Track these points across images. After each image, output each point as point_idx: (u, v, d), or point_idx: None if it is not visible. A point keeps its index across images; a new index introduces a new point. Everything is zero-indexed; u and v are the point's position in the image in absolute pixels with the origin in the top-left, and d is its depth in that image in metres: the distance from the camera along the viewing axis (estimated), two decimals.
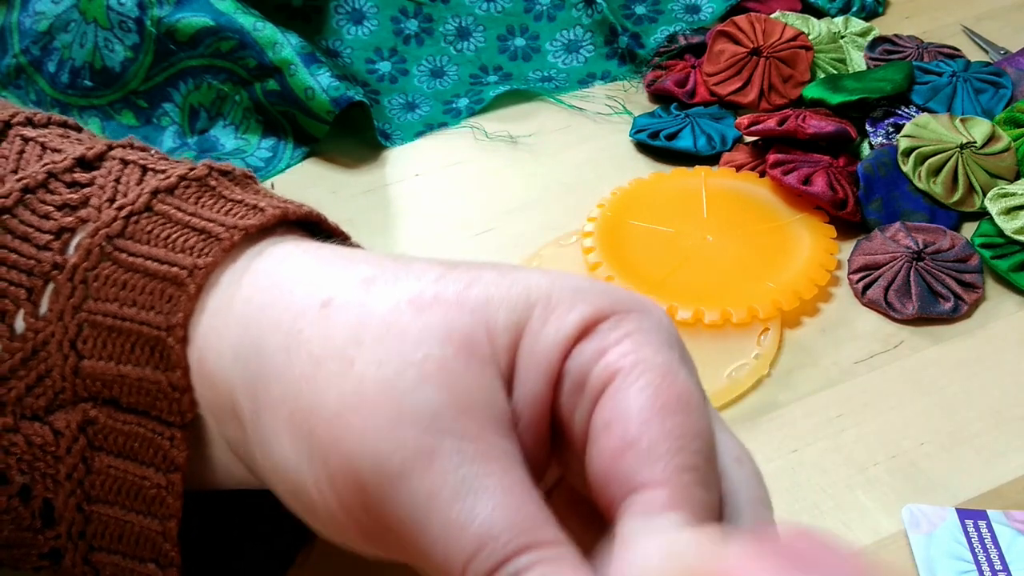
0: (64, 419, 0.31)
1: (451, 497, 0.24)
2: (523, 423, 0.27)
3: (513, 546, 0.24)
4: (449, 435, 0.25)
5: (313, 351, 0.27)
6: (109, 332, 0.31)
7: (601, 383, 0.26)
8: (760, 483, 0.28)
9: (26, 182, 0.33)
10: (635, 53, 0.66)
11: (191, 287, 0.30)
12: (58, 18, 0.59)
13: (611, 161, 0.59)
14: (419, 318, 0.26)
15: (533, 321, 0.27)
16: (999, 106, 0.59)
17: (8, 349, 0.31)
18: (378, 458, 0.25)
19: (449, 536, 0.24)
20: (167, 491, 0.31)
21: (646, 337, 0.27)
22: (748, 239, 0.52)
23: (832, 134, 0.55)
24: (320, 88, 0.57)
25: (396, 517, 0.25)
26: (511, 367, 0.27)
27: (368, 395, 0.25)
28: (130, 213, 0.32)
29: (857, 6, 0.69)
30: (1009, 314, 0.50)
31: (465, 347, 0.26)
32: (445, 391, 0.25)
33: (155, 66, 0.59)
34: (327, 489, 0.26)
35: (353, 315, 0.27)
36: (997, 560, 0.38)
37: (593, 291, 0.27)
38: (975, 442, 0.43)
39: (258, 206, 0.32)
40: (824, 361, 0.47)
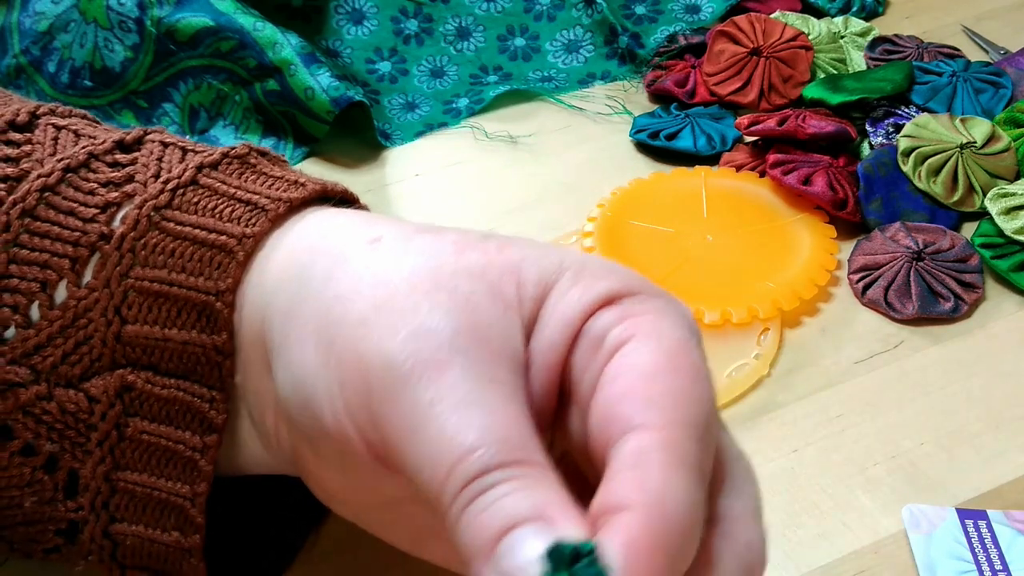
0: (101, 385, 0.32)
1: (451, 407, 0.25)
2: (535, 369, 0.28)
3: (499, 459, 0.25)
4: (463, 355, 0.26)
5: (356, 271, 0.28)
6: (156, 297, 0.32)
7: (617, 343, 0.27)
8: (752, 480, 0.28)
9: (68, 162, 0.34)
10: (635, 53, 0.66)
11: (240, 255, 0.31)
12: (58, 18, 0.59)
13: (611, 161, 0.59)
14: (458, 257, 0.28)
15: (562, 282, 0.28)
16: (999, 106, 0.59)
17: (47, 318, 0.32)
18: (391, 361, 0.26)
19: (441, 441, 0.25)
20: (202, 454, 0.32)
21: (668, 315, 0.28)
22: (748, 239, 0.52)
23: (832, 134, 0.55)
24: (320, 88, 0.57)
25: (396, 420, 0.26)
26: (533, 319, 0.28)
27: (395, 308, 0.27)
28: (177, 186, 0.33)
29: (857, 6, 0.69)
30: (1009, 314, 0.50)
31: (493, 288, 0.28)
32: (468, 318, 0.27)
33: (155, 66, 0.59)
34: (336, 393, 0.27)
35: (399, 250, 0.29)
36: (997, 560, 0.38)
37: (624, 272, 0.29)
38: (975, 442, 0.43)
39: (299, 181, 0.34)
40: (824, 361, 0.47)
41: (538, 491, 0.24)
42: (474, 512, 0.24)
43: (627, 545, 0.23)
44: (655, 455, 0.25)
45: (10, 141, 0.34)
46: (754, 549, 0.27)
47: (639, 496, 0.24)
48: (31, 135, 0.35)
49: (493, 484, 0.24)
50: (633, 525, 0.24)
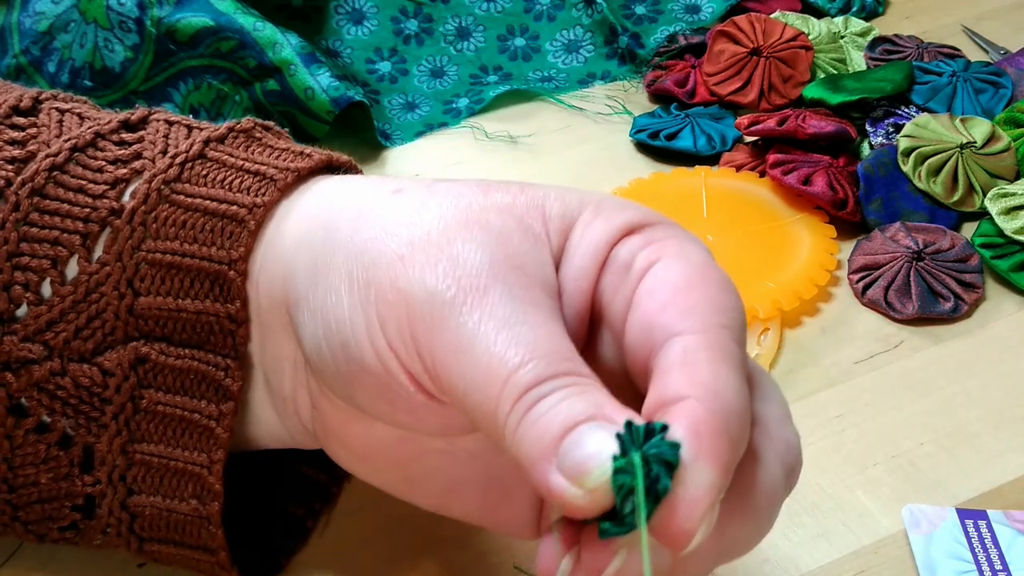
0: (115, 358, 0.32)
1: (497, 326, 0.26)
2: (566, 296, 0.29)
3: (550, 370, 0.25)
4: (501, 281, 0.27)
5: (384, 218, 0.29)
6: (168, 269, 0.32)
7: (647, 264, 0.28)
8: (779, 390, 0.30)
9: (75, 141, 0.34)
10: (635, 53, 0.66)
11: (251, 224, 0.32)
12: (58, 18, 0.59)
13: (611, 161, 0.59)
14: (485, 196, 0.29)
15: (585, 214, 0.30)
16: (999, 106, 0.59)
17: (59, 294, 0.32)
18: (433, 291, 0.27)
19: (492, 359, 0.26)
20: (218, 422, 0.32)
21: (690, 241, 0.29)
22: (748, 239, 0.52)
23: (832, 134, 0.55)
24: (320, 88, 0.57)
25: (443, 346, 0.27)
26: (560, 250, 0.29)
27: (430, 243, 0.28)
28: (185, 160, 0.33)
29: (857, 6, 0.69)
30: (1009, 314, 0.50)
31: (522, 224, 0.29)
32: (501, 248, 0.28)
33: (155, 66, 0.59)
34: (377, 329, 0.28)
35: (423, 195, 0.30)
36: (997, 560, 0.38)
37: (642, 207, 0.30)
38: (975, 442, 0.43)
39: (304, 152, 0.34)
40: (824, 361, 0.47)
41: (593, 395, 0.25)
42: (532, 419, 0.25)
43: (692, 426, 0.25)
44: (702, 353, 0.26)
45: (15, 125, 0.35)
46: (793, 448, 0.29)
47: (694, 388, 0.25)
48: (35, 119, 0.35)
49: (548, 393, 0.25)
50: (696, 410, 0.25)
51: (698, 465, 0.24)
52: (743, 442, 0.26)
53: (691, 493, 0.24)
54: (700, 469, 0.24)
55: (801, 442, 0.43)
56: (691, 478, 0.24)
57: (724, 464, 0.25)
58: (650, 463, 0.24)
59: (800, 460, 0.29)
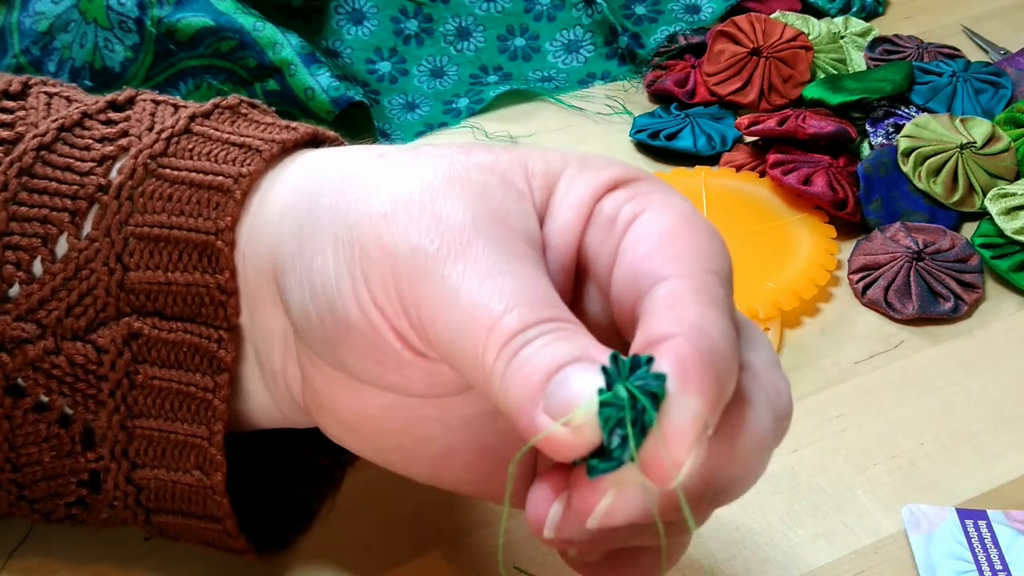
0: (108, 335, 0.32)
1: (482, 275, 0.26)
2: (551, 251, 0.29)
3: (535, 316, 0.26)
4: (484, 234, 0.27)
5: (367, 180, 0.29)
6: (157, 242, 0.32)
7: (632, 216, 0.29)
8: (767, 339, 0.30)
9: (62, 121, 0.34)
10: (635, 53, 0.66)
11: (237, 193, 0.32)
12: (58, 18, 0.59)
13: None
14: (468, 156, 0.29)
15: (569, 171, 0.30)
16: (999, 106, 0.59)
17: (50, 271, 0.33)
18: (417, 246, 0.27)
19: (476, 308, 0.26)
20: (214, 394, 0.32)
21: (674, 194, 0.29)
22: (748, 239, 0.52)
23: (832, 134, 0.55)
24: (320, 88, 0.57)
25: (428, 299, 0.27)
26: (544, 206, 0.29)
27: (413, 200, 0.28)
28: (171, 135, 0.34)
29: (857, 6, 0.69)
30: (1009, 314, 0.50)
31: (505, 180, 0.29)
32: (484, 203, 0.28)
33: (155, 66, 0.59)
34: (362, 288, 0.28)
35: (407, 157, 0.30)
36: (997, 560, 0.38)
37: (625, 163, 0.30)
38: (975, 442, 0.43)
39: (290, 126, 0.35)
40: (824, 361, 0.47)
41: (578, 338, 0.25)
42: (518, 364, 0.25)
43: (679, 360, 0.25)
44: (689, 295, 0.26)
45: (4, 108, 0.35)
46: (782, 395, 0.29)
47: (680, 327, 0.25)
48: (24, 102, 0.35)
49: (533, 338, 0.25)
50: (682, 345, 0.25)
51: (684, 396, 0.24)
52: (730, 380, 0.26)
53: (677, 423, 0.24)
54: (686, 400, 0.24)
55: (801, 442, 0.44)
56: (677, 409, 0.24)
57: (710, 397, 0.25)
58: (635, 396, 0.24)
59: (790, 408, 0.29)
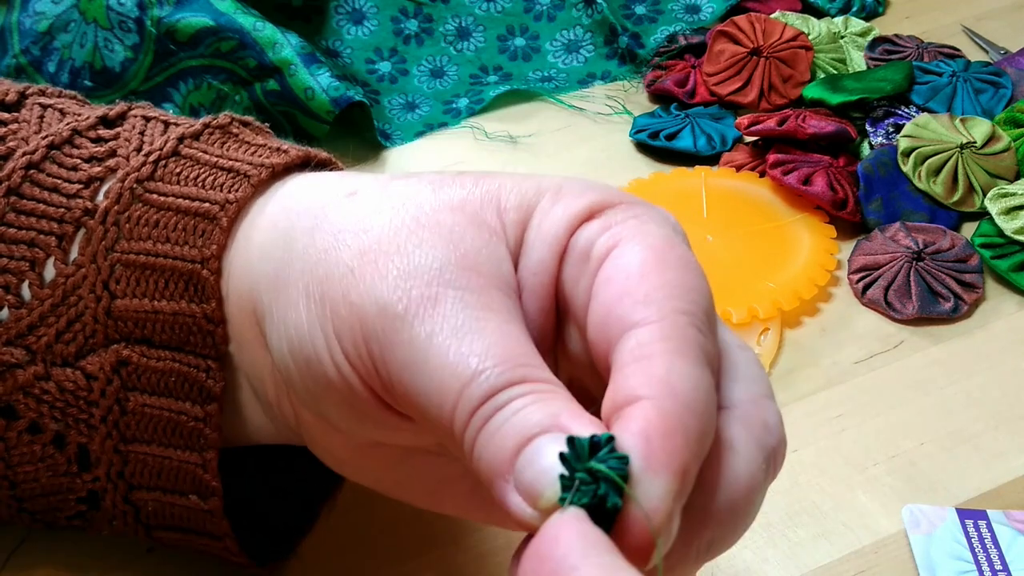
0: (97, 362, 0.32)
1: (450, 336, 0.25)
2: (527, 293, 0.28)
3: (504, 378, 0.25)
4: (452, 287, 0.26)
5: (336, 224, 0.28)
6: (143, 270, 0.31)
7: (605, 250, 0.27)
8: (759, 366, 0.29)
9: (51, 139, 0.34)
10: (635, 53, 0.66)
11: (223, 220, 0.31)
12: (58, 18, 0.59)
13: (611, 161, 0.59)
14: (436, 193, 0.28)
15: (543, 203, 0.28)
16: (999, 106, 0.59)
17: (38, 296, 0.32)
18: (384, 304, 0.26)
19: (445, 371, 0.25)
20: (205, 423, 0.32)
21: (651, 219, 0.28)
22: (748, 239, 0.52)
23: (832, 134, 0.55)
24: (320, 88, 0.57)
25: (398, 360, 0.26)
26: (518, 243, 0.28)
27: (380, 252, 0.27)
28: (158, 158, 0.33)
29: (857, 6, 0.69)
30: (1009, 314, 0.50)
31: (475, 218, 0.28)
32: (453, 250, 0.27)
33: (155, 66, 0.59)
34: (335, 345, 0.27)
35: (376, 198, 0.29)
36: (997, 560, 0.38)
37: (602, 187, 0.29)
38: (975, 442, 0.43)
39: (281, 148, 0.34)
40: (824, 361, 0.47)
41: (548, 402, 0.24)
42: (488, 434, 0.24)
43: (642, 432, 0.23)
44: (657, 345, 0.25)
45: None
46: (772, 429, 0.27)
47: (647, 386, 0.24)
48: (18, 114, 0.35)
49: (503, 404, 0.24)
50: (646, 411, 0.24)
51: (648, 476, 0.23)
52: (705, 438, 0.24)
53: (644, 504, 0.23)
54: (651, 480, 0.23)
55: (801, 442, 0.44)
56: (642, 491, 0.23)
57: (679, 469, 0.23)
58: (598, 480, 0.23)
59: (783, 439, 0.27)
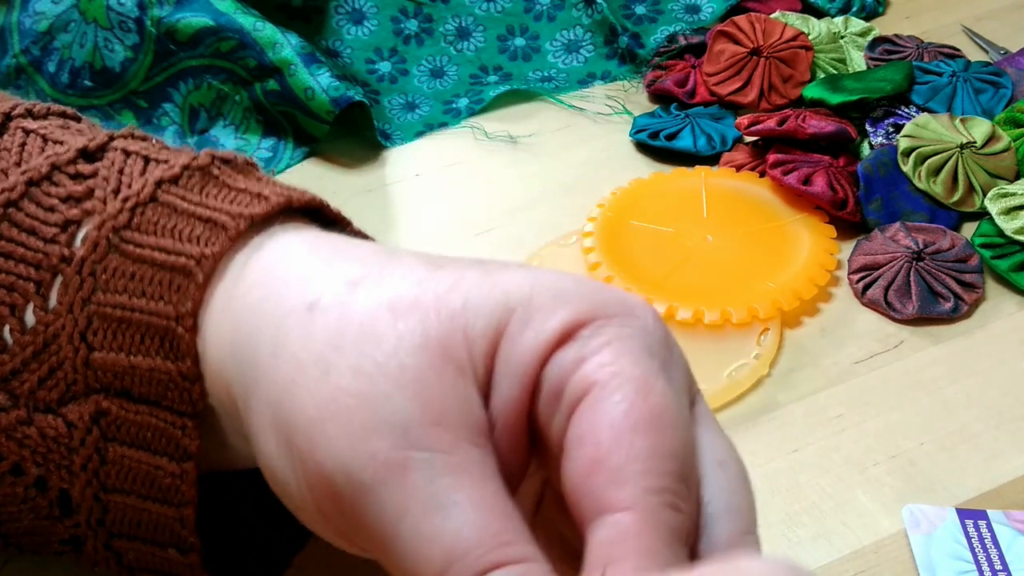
0: (77, 411, 0.32)
1: (421, 512, 0.25)
2: (499, 429, 0.27)
3: (482, 563, 0.24)
4: (420, 448, 0.25)
5: (296, 354, 0.27)
6: (119, 324, 0.31)
7: (578, 394, 0.26)
8: (742, 488, 0.27)
9: (30, 175, 0.33)
10: (635, 53, 0.66)
11: (199, 276, 0.30)
12: (58, 18, 0.59)
13: (611, 161, 0.59)
14: (396, 325, 0.27)
15: (512, 326, 0.27)
16: (999, 106, 0.59)
17: (20, 343, 0.32)
18: (350, 470, 0.25)
19: (419, 550, 0.24)
20: (181, 479, 0.31)
21: (627, 345, 0.26)
22: (748, 239, 0.52)
23: (832, 134, 0.55)
24: (320, 88, 0.57)
25: (369, 526, 0.25)
26: (488, 373, 0.27)
27: (342, 404, 0.26)
28: (136, 204, 0.32)
29: (857, 6, 0.69)
30: (1009, 314, 0.50)
31: (441, 354, 0.26)
32: (418, 401, 0.26)
33: (155, 66, 0.59)
34: (306, 492, 0.27)
35: (334, 319, 0.27)
36: (997, 560, 0.38)
37: (576, 294, 0.27)
38: (975, 442, 0.43)
39: (262, 194, 0.32)
40: (824, 361, 0.47)
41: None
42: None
43: None
44: (630, 543, 0.24)
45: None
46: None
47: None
48: (0, 140, 0.34)
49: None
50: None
51: None
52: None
53: None
54: None
55: (801, 442, 0.44)
56: None
57: None
58: None
59: None
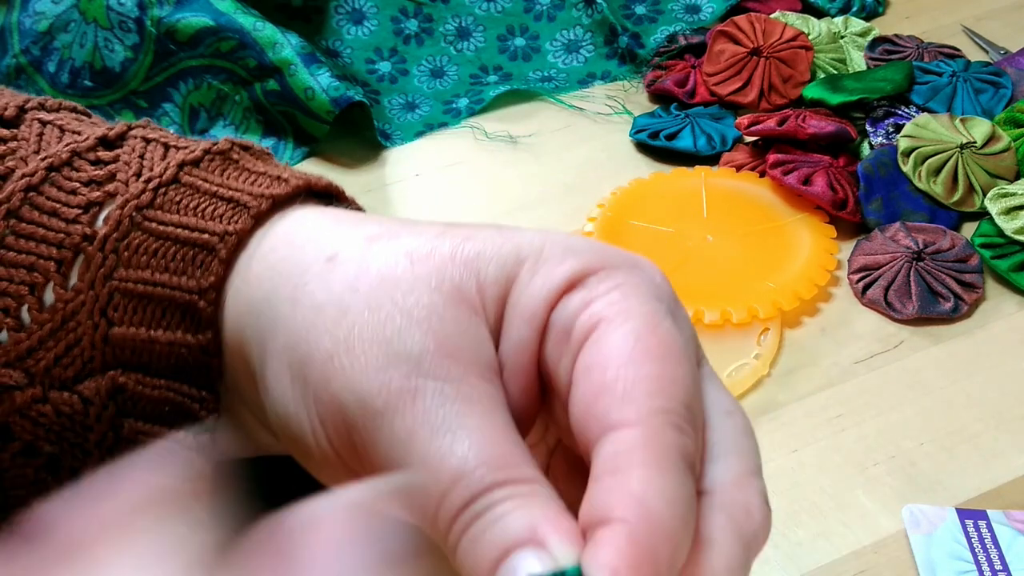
0: (93, 387, 0.32)
1: (430, 435, 0.25)
2: (508, 372, 0.28)
3: (488, 481, 0.25)
4: (432, 378, 0.26)
5: (315, 299, 0.28)
6: (140, 299, 0.32)
7: (585, 331, 0.27)
8: (748, 435, 0.28)
9: (50, 160, 0.34)
10: (635, 53, 0.66)
11: (222, 252, 0.31)
12: (58, 18, 0.59)
13: (611, 161, 0.59)
14: (413, 269, 0.28)
15: (523, 274, 0.28)
16: (999, 106, 0.59)
17: (37, 320, 0.32)
18: (363, 397, 0.26)
19: (427, 472, 0.25)
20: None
21: (634, 289, 0.27)
22: (748, 239, 0.52)
23: (832, 134, 0.55)
24: (320, 88, 0.57)
25: (380, 454, 0.26)
26: (499, 319, 0.28)
27: (358, 338, 0.27)
28: (158, 185, 0.33)
29: (857, 6, 0.69)
30: (1009, 314, 0.50)
31: (454, 296, 0.27)
32: (431, 336, 0.27)
33: (155, 66, 0.59)
34: (320, 430, 0.27)
35: (353, 267, 0.28)
36: (997, 560, 0.38)
37: (584, 248, 0.28)
38: (975, 442, 0.43)
39: (282, 177, 0.33)
40: (824, 361, 0.47)
41: (529, 509, 0.25)
42: (470, 540, 0.25)
43: (611, 566, 0.23)
44: (635, 455, 0.25)
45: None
46: (753, 515, 0.26)
47: (621, 506, 0.24)
48: (17, 131, 0.35)
49: (483, 510, 0.25)
50: (618, 540, 0.24)
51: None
52: (680, 555, 0.24)
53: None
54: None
55: (801, 442, 0.44)
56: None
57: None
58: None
59: (765, 522, 0.27)
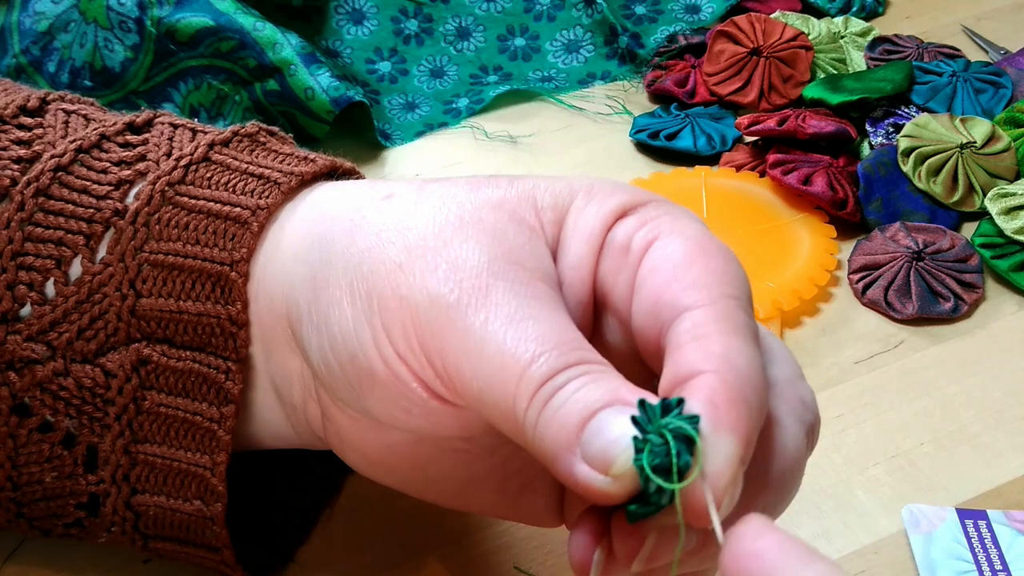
0: (117, 360, 0.32)
1: (505, 322, 0.26)
2: (566, 286, 0.29)
3: (563, 361, 0.26)
4: (501, 278, 0.27)
5: (376, 227, 0.29)
6: (171, 270, 0.32)
7: (644, 245, 0.28)
8: (789, 351, 0.30)
9: (80, 143, 0.34)
10: (635, 53, 0.66)
11: (254, 225, 0.32)
12: (58, 18, 0.59)
13: (611, 161, 0.59)
14: (474, 193, 0.29)
15: (577, 202, 0.30)
16: (999, 106, 0.59)
17: (62, 294, 0.33)
18: (436, 296, 0.27)
19: (504, 356, 0.26)
20: (219, 424, 0.32)
21: (683, 213, 0.29)
22: (748, 239, 0.52)
23: (832, 134, 0.55)
24: (320, 88, 0.57)
25: (453, 349, 0.27)
26: (556, 240, 0.29)
27: (427, 247, 0.28)
28: (190, 163, 0.33)
29: (857, 6, 0.69)
30: (1009, 314, 0.50)
31: (515, 215, 0.29)
32: (498, 245, 0.28)
33: (155, 66, 0.59)
34: (384, 339, 0.28)
35: (413, 199, 0.30)
36: (997, 560, 0.38)
37: (631, 187, 0.30)
38: (975, 442, 0.43)
39: (308, 157, 0.35)
40: (824, 361, 0.47)
41: (607, 380, 0.25)
42: (551, 411, 0.25)
43: (709, 399, 0.24)
44: (712, 326, 0.26)
45: (22, 125, 0.35)
46: (809, 406, 0.29)
47: (707, 361, 0.25)
48: (42, 119, 0.35)
49: (563, 384, 0.25)
50: (710, 382, 0.25)
51: (718, 436, 0.24)
52: (762, 410, 0.26)
53: (713, 465, 0.24)
54: (720, 440, 0.24)
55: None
56: (712, 450, 0.24)
57: (744, 433, 0.24)
58: (669, 440, 0.24)
59: (818, 416, 0.29)
